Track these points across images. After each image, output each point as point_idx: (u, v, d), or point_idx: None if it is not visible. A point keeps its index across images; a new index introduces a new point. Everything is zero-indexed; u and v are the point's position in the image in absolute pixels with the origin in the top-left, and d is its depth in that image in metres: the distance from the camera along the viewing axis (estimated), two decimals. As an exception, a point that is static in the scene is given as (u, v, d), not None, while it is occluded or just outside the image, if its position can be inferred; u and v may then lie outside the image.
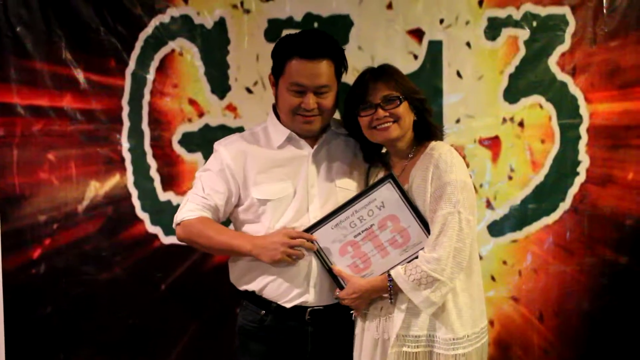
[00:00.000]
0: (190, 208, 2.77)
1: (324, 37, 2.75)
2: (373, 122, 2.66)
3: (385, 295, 2.62)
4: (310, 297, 2.74)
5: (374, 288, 2.64)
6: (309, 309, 2.75)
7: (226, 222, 2.89)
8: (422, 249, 2.59)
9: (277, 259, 2.64)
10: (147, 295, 3.77)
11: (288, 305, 2.75)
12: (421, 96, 2.70)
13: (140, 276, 3.77)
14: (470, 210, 2.56)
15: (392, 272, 2.59)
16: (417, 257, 2.58)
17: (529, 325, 3.78)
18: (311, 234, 2.65)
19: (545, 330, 3.78)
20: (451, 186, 2.54)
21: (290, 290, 2.74)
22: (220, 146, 2.84)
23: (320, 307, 2.76)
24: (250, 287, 2.80)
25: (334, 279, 2.71)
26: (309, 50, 2.66)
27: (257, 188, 2.74)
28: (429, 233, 2.59)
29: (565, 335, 3.78)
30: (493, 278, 3.76)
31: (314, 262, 2.73)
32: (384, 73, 2.70)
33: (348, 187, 2.77)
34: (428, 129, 2.71)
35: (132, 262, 3.76)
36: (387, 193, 2.61)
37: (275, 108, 2.85)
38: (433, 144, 2.68)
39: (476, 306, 2.66)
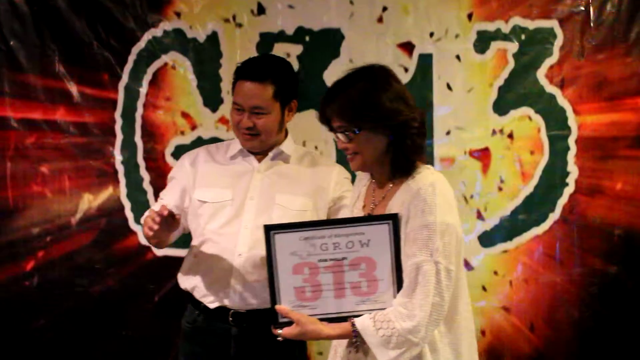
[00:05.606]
0: (148, 210, 2.86)
1: (269, 61, 2.89)
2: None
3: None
4: (229, 302, 2.82)
5: (329, 337, 2.32)
6: (231, 311, 2.82)
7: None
8: (382, 307, 2.25)
9: (146, 234, 2.65)
10: (140, 307, 3.78)
11: (211, 306, 2.84)
12: (401, 118, 2.25)
13: (133, 288, 3.78)
14: (451, 258, 2.19)
15: (359, 324, 2.22)
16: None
17: (520, 335, 3.80)
18: (273, 233, 2.32)
19: (536, 339, 3.79)
20: (429, 230, 2.17)
21: (212, 292, 2.83)
22: (184, 155, 3.03)
23: (242, 311, 2.82)
24: (186, 285, 2.91)
25: (272, 300, 2.36)
26: (248, 72, 2.78)
27: (199, 190, 2.87)
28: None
29: (556, 345, 3.79)
30: (484, 288, 3.78)
31: (236, 266, 2.79)
32: (334, 98, 2.28)
33: (288, 206, 2.82)
34: (406, 157, 2.29)
35: (125, 274, 3.77)
36: (379, 233, 2.27)
37: None
38: (416, 172, 2.29)
39: None
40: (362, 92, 2.25)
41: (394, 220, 2.24)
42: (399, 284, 2.25)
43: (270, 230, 2.32)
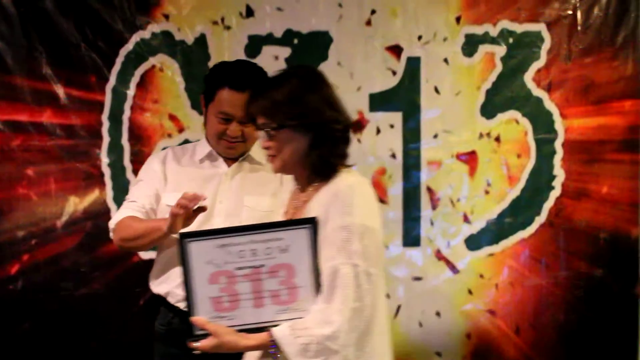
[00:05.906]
0: (120, 213, 2.88)
1: (254, 70, 2.84)
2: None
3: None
4: None
5: (246, 347, 2.20)
6: None
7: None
8: (303, 316, 2.14)
9: (174, 212, 2.51)
10: (126, 311, 3.75)
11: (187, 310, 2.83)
12: (323, 118, 2.17)
13: (119, 291, 3.75)
14: (371, 261, 2.09)
15: (276, 333, 2.10)
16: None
17: (506, 338, 3.81)
18: (187, 241, 2.19)
19: (522, 343, 3.81)
20: (347, 231, 2.08)
21: None
22: (151, 157, 3.03)
23: None
24: (160, 290, 2.90)
25: (188, 311, 2.22)
26: (237, 81, 2.74)
27: (169, 195, 2.83)
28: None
29: (542, 348, 3.81)
30: (470, 291, 3.79)
31: None
32: (260, 95, 2.22)
33: (256, 207, 2.82)
34: (326, 160, 2.20)
35: (111, 278, 3.75)
36: (298, 239, 2.15)
37: None
38: (337, 175, 2.20)
39: None
40: (287, 90, 2.18)
41: (313, 224, 2.13)
42: (318, 289, 2.14)
43: (184, 238, 2.19)
